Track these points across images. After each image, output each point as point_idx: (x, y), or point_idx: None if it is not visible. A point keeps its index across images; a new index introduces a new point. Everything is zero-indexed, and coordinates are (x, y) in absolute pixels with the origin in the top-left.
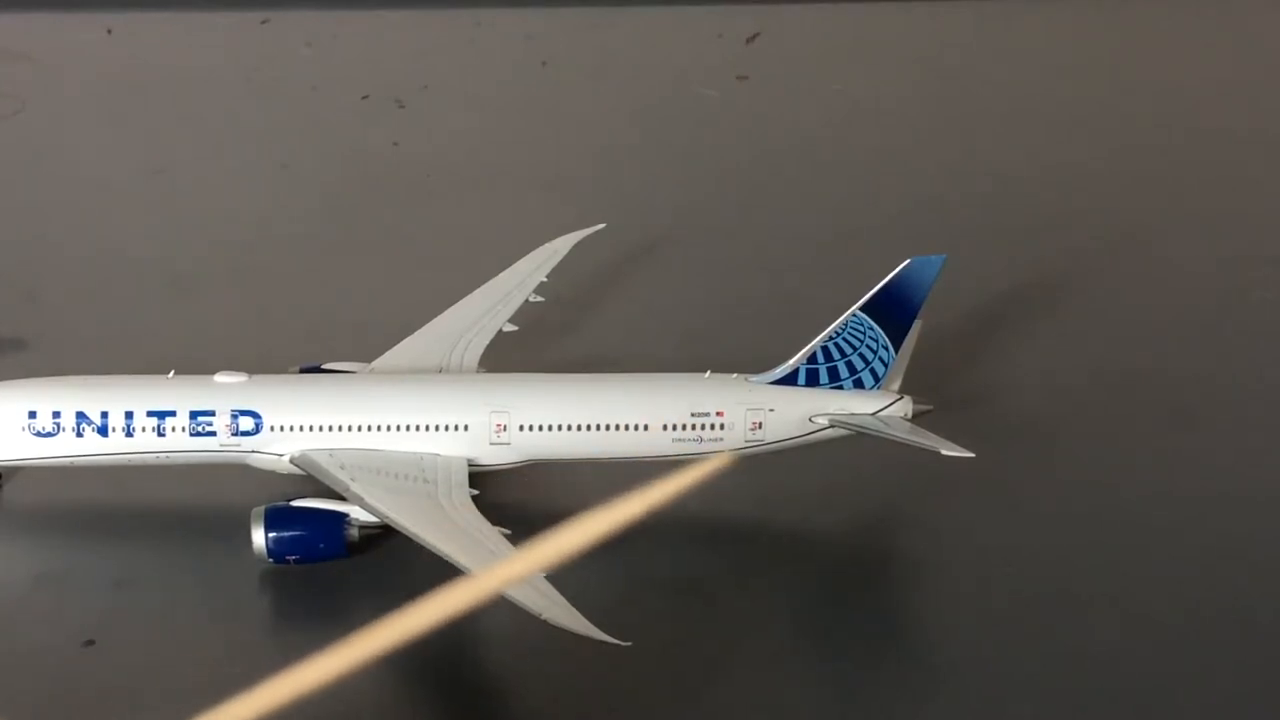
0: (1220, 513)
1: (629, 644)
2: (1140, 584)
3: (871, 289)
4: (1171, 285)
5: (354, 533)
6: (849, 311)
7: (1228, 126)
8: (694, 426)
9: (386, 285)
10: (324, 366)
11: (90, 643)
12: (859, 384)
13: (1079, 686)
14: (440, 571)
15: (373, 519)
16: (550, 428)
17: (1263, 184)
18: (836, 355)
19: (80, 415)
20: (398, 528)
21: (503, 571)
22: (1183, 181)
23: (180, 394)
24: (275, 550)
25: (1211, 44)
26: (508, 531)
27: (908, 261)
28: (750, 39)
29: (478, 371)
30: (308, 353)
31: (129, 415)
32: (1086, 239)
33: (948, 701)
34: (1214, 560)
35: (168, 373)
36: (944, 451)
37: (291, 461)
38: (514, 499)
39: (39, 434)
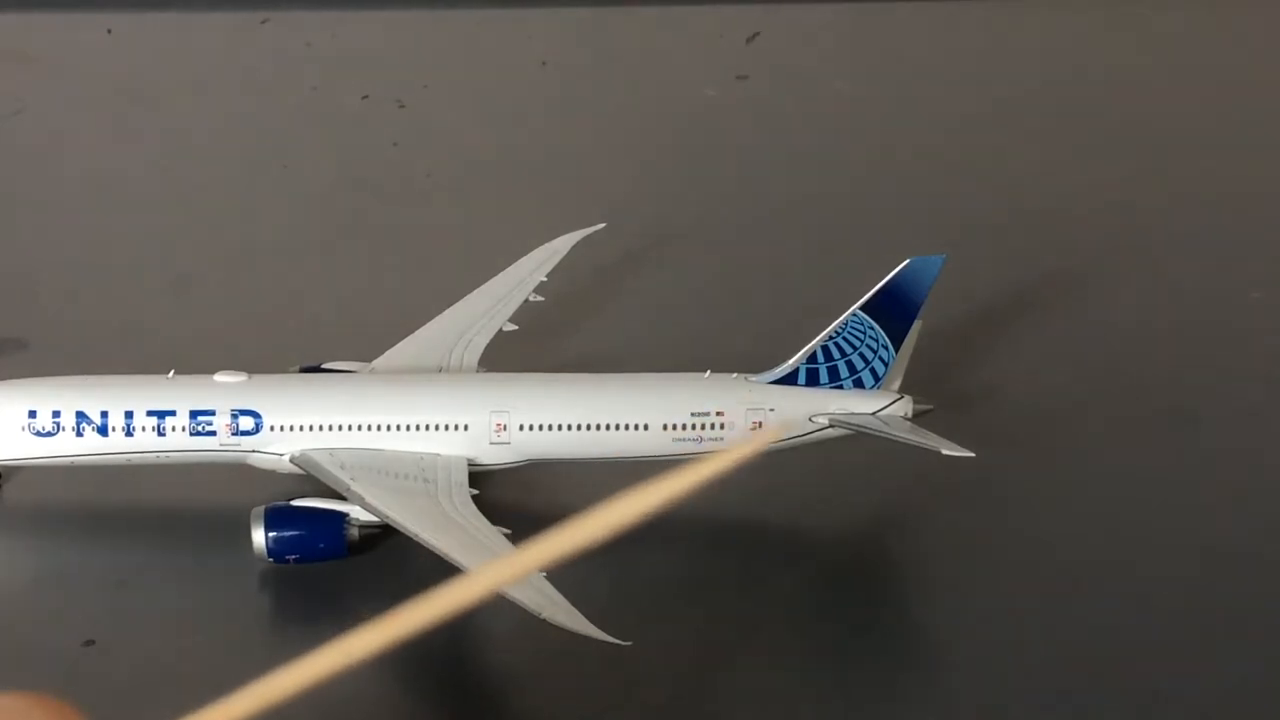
0: (1222, 512)
1: (629, 644)
2: (1142, 584)
3: (871, 289)
4: (1172, 284)
5: (354, 533)
6: (849, 311)
7: (1228, 126)
8: (694, 426)
9: (386, 285)
10: (324, 366)
11: (90, 643)
12: (859, 383)
13: (1081, 687)
14: (440, 571)
15: (373, 519)
16: (550, 427)
17: (1263, 184)
18: (836, 355)
19: (80, 415)
20: (398, 527)
21: (502, 569)
22: (1183, 181)
23: (180, 394)
24: (275, 550)
25: (1212, 43)
26: (508, 531)
27: (907, 261)
28: (750, 39)
29: (478, 371)
30: (308, 353)
31: (129, 415)
32: (1086, 239)
33: (948, 702)
34: (1216, 560)
35: (168, 373)
36: (944, 451)
37: (291, 461)
38: (514, 499)
39: (39, 434)
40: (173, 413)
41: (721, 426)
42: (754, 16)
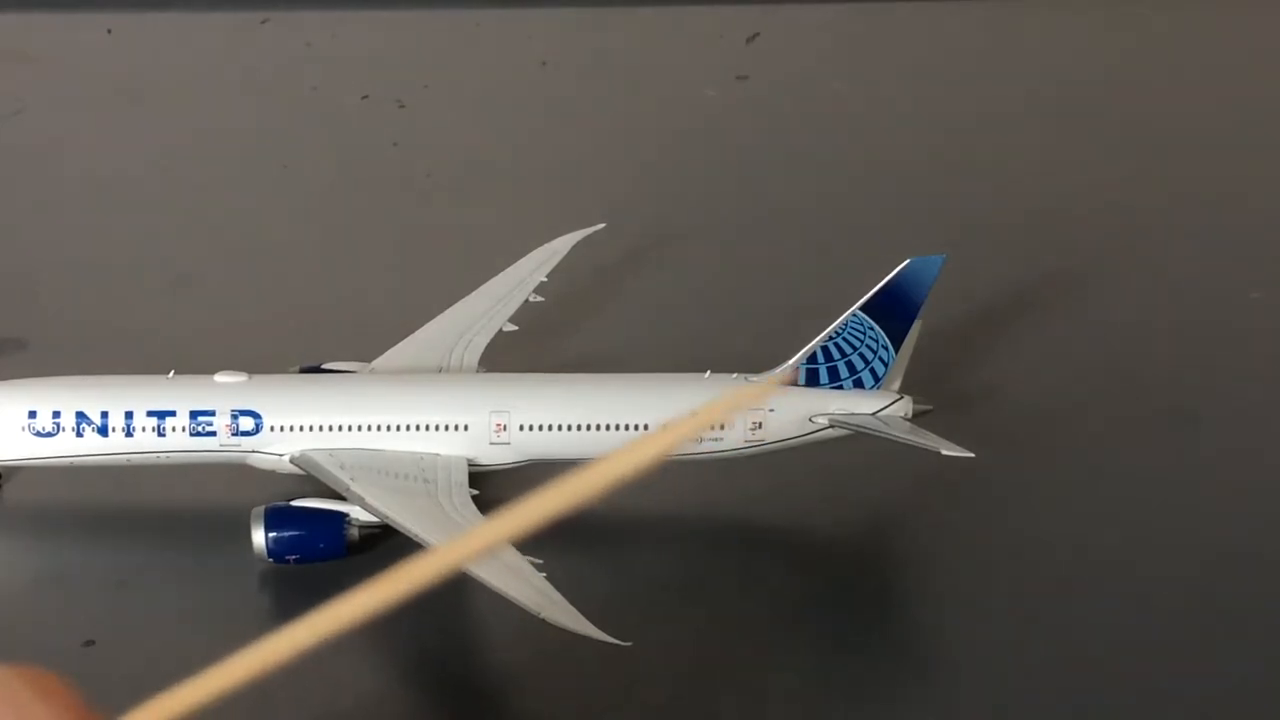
0: (1222, 512)
1: (629, 644)
2: (1142, 584)
3: (871, 289)
4: (1172, 285)
5: (354, 533)
6: (849, 311)
7: (1228, 126)
8: None
9: (386, 285)
10: (324, 366)
11: (90, 643)
12: (859, 384)
13: (1081, 687)
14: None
15: (373, 519)
16: (550, 428)
17: (1263, 184)
18: (836, 355)
19: (80, 415)
20: (397, 527)
21: (470, 541)
22: (1183, 181)
23: (180, 394)
24: (275, 550)
25: (1212, 43)
26: None
27: (907, 261)
28: (750, 39)
29: (478, 371)
30: (308, 353)
31: (129, 415)
32: (1086, 239)
33: (948, 702)
34: (1216, 560)
35: (168, 373)
36: (944, 451)
37: (292, 461)
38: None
39: (39, 434)
40: (173, 413)
41: (721, 427)
42: (754, 16)
